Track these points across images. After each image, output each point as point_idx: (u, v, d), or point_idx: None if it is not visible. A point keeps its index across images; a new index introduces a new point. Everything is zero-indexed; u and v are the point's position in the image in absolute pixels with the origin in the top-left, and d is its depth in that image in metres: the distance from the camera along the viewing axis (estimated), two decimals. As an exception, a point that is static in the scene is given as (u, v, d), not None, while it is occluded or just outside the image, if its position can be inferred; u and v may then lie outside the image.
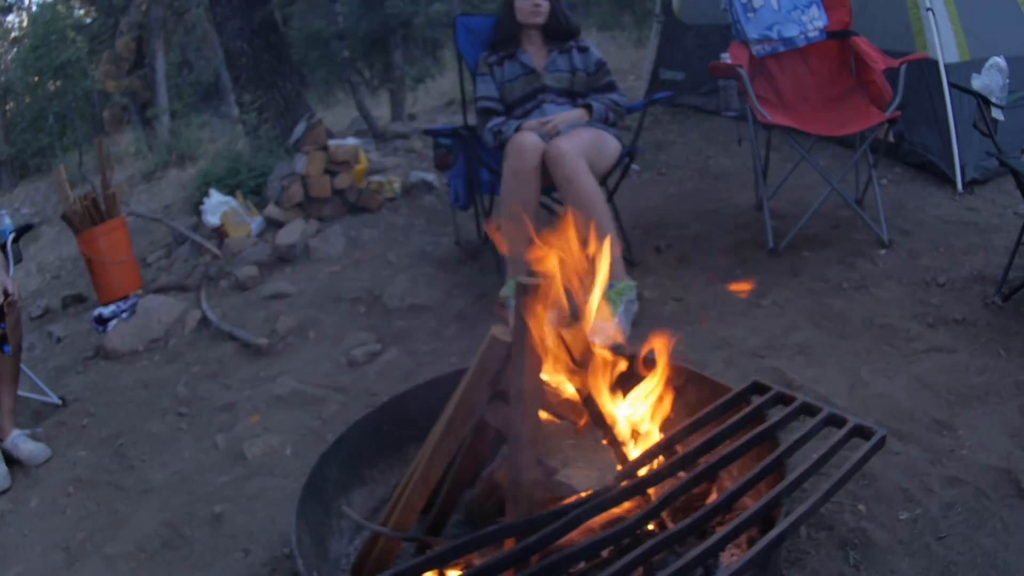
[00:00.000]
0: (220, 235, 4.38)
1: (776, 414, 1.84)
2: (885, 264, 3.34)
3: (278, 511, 2.34)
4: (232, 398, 3.09)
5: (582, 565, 1.55)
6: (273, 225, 4.43)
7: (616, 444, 1.67)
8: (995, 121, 2.80)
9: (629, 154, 3.38)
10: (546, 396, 1.58)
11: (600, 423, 1.65)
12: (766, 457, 1.67)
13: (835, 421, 1.80)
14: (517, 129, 3.24)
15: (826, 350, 2.78)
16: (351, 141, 4.67)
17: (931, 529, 1.95)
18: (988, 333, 2.73)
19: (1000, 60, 3.05)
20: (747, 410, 1.84)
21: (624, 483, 1.58)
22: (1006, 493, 2.03)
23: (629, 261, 3.52)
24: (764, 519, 1.56)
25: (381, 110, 7.24)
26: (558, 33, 3.48)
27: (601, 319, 2.87)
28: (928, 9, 3.86)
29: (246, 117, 5.02)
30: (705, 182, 4.69)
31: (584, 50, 3.50)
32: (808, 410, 1.85)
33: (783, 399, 1.89)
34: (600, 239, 2.96)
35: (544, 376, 1.57)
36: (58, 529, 2.46)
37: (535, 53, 3.48)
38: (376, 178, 4.72)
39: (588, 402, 1.62)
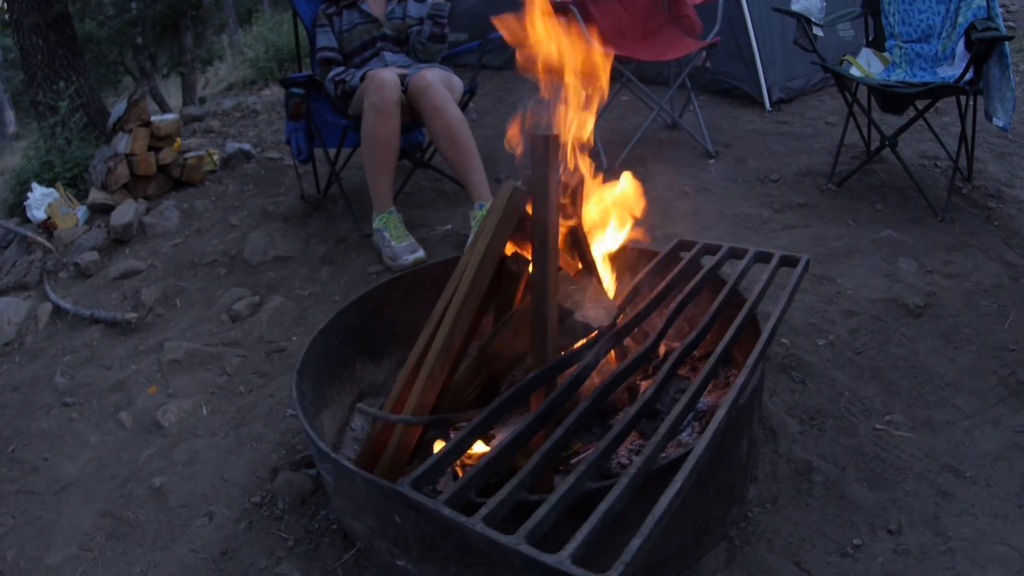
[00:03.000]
0: (48, 229, 4.03)
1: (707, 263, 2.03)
2: (717, 171, 3.72)
3: (224, 467, 2.20)
4: (118, 377, 2.84)
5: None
6: (99, 211, 4.13)
7: (601, 286, 1.80)
8: (815, 37, 3.23)
9: (471, 90, 3.51)
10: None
11: (592, 269, 1.77)
12: (718, 291, 1.87)
13: (763, 257, 2.04)
14: (363, 78, 3.25)
15: (692, 237, 3.05)
16: (170, 116, 4.44)
17: (848, 348, 2.29)
18: (832, 211, 3.17)
19: None
20: (686, 260, 2.03)
21: (620, 321, 1.71)
22: (898, 315, 2.42)
23: (498, 180, 3.66)
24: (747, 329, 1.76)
25: (171, 100, 6.95)
26: None
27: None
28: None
29: (60, 104, 4.69)
30: (525, 123, 4.90)
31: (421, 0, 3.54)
32: (735, 253, 2.08)
33: (709, 249, 2.10)
34: (468, 161, 3.12)
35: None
36: (-20, 558, 2.14)
37: (374, 2, 3.50)
38: (193, 153, 4.54)
39: (583, 248, 1.74)
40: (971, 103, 3.01)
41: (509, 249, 1.71)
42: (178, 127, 4.35)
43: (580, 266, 1.75)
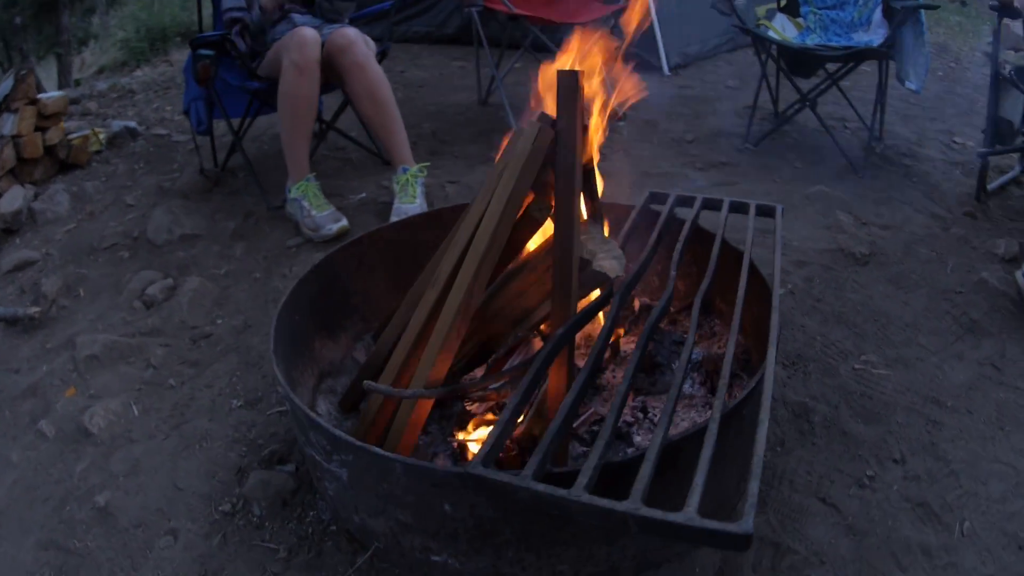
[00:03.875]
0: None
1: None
2: (630, 133, 3.74)
3: (174, 474, 1.98)
4: (29, 380, 2.53)
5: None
6: (-17, 201, 3.73)
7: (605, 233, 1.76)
8: (731, 1, 3.31)
9: (383, 52, 3.39)
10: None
11: (600, 216, 1.72)
12: (706, 240, 1.90)
13: (739, 207, 2.07)
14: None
15: (623, 198, 3.08)
16: (57, 93, 4.05)
17: (807, 296, 2.37)
18: (754, 170, 3.28)
19: None
20: (666, 211, 2.02)
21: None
22: (847, 264, 2.54)
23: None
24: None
25: (46, 84, 6.42)
26: None
27: (406, 201, 2.92)
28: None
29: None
30: (412, 91, 4.81)
31: None
32: (710, 204, 2.09)
33: (685, 201, 2.10)
34: (392, 123, 3.01)
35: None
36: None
37: None
38: (78, 133, 4.18)
39: (594, 192, 1.69)
40: (886, 67, 3.17)
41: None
42: (65, 104, 4.01)
43: (587, 213, 1.69)
